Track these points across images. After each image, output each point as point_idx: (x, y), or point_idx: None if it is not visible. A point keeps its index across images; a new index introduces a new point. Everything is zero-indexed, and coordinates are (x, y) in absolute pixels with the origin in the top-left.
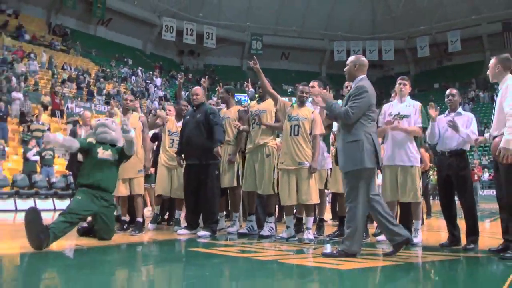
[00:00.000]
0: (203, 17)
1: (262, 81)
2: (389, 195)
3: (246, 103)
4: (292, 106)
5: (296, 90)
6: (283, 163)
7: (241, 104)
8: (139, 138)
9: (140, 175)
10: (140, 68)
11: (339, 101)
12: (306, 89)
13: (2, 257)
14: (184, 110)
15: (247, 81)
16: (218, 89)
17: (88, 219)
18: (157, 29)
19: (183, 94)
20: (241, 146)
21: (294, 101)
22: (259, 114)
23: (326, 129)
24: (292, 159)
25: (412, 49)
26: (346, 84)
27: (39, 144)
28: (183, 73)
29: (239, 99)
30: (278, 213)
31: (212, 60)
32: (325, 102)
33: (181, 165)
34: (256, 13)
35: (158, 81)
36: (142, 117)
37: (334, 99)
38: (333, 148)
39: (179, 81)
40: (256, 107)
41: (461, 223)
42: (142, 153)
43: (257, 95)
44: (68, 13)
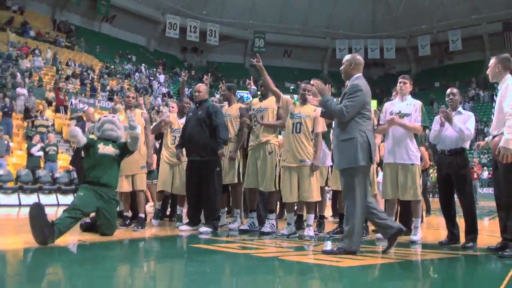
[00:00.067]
0: (207, 14)
1: (264, 78)
2: (389, 193)
3: (248, 100)
4: (294, 103)
5: (298, 88)
6: (285, 160)
7: (244, 101)
8: (141, 134)
9: (142, 171)
10: (143, 64)
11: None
12: (308, 87)
13: (6, 252)
14: (186, 107)
15: (249, 78)
16: (221, 86)
17: (91, 214)
18: (160, 26)
19: (186, 91)
20: (242, 143)
21: (296, 99)
22: (261, 111)
23: (327, 126)
24: (293, 157)
25: (413, 48)
26: (347, 82)
27: (43, 139)
28: (187, 71)
29: (241, 96)
30: (279, 210)
31: (215, 57)
32: (322, 95)
33: (180, 159)
34: (259, 11)
35: (161, 77)
36: (144, 114)
37: (334, 97)
38: None
39: (183, 78)
40: (258, 104)
41: (460, 221)
42: (144, 150)
43: (259, 92)
44: (72, 10)
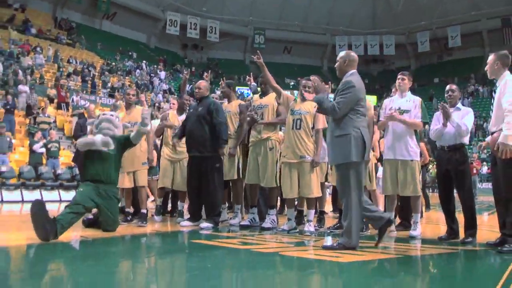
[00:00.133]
0: (207, 11)
1: (265, 75)
2: (389, 189)
3: (249, 96)
4: (295, 100)
5: (298, 84)
6: (285, 156)
7: (245, 97)
8: None
9: (143, 167)
10: (144, 61)
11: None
12: (308, 84)
13: (9, 248)
14: (186, 104)
15: (249, 75)
16: (221, 83)
17: (93, 210)
18: (161, 23)
19: (188, 87)
20: (241, 139)
21: (296, 95)
22: (261, 108)
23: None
24: (294, 153)
25: (412, 44)
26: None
27: (45, 136)
28: (189, 70)
29: (242, 92)
30: (279, 205)
31: (215, 54)
32: (317, 92)
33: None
34: (259, 8)
35: (162, 74)
36: (145, 111)
37: (333, 92)
38: None
39: (185, 77)
40: (258, 101)
41: (460, 217)
42: (145, 146)
43: (259, 89)
44: (73, 7)
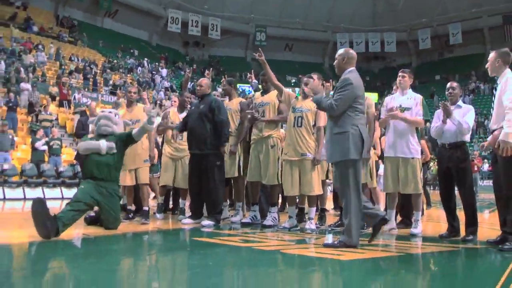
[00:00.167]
0: (208, 9)
1: (267, 73)
2: (390, 186)
3: (250, 94)
4: (296, 97)
5: (300, 81)
6: (287, 154)
7: (246, 94)
8: None
9: (145, 165)
10: (146, 59)
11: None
12: (309, 81)
13: (11, 246)
14: (187, 101)
15: (250, 72)
16: (223, 80)
17: (95, 208)
18: (162, 20)
19: (189, 84)
20: (242, 137)
21: (297, 93)
22: (262, 106)
23: None
24: (295, 150)
25: (414, 41)
26: None
27: (47, 134)
28: (191, 68)
29: (243, 90)
30: (281, 203)
31: (217, 51)
32: (315, 93)
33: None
34: (260, 5)
35: (163, 72)
36: (147, 108)
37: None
38: None
39: (187, 75)
40: (260, 99)
41: (461, 214)
42: (147, 144)
43: (260, 86)
44: (75, 5)
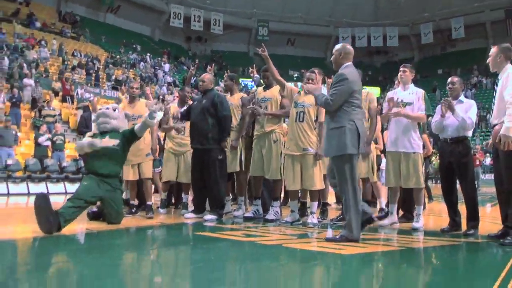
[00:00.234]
0: (210, 4)
1: (270, 68)
2: (392, 181)
3: (253, 88)
4: (298, 92)
5: (302, 76)
6: (288, 148)
7: (249, 89)
8: None
9: (148, 158)
10: (148, 54)
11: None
12: (312, 76)
13: (15, 241)
14: (187, 96)
15: (252, 67)
16: (225, 76)
17: (97, 203)
18: (165, 16)
19: (192, 79)
20: (244, 131)
21: (300, 87)
22: (265, 101)
23: None
24: (296, 145)
25: (416, 36)
26: None
27: (50, 129)
28: (196, 65)
29: (245, 84)
30: (283, 197)
31: (219, 46)
32: (312, 92)
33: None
34: (262, 0)
35: (166, 67)
36: (149, 103)
37: None
38: None
39: (191, 72)
40: (262, 94)
41: (462, 208)
42: (149, 139)
43: (261, 81)
44: (77, 0)
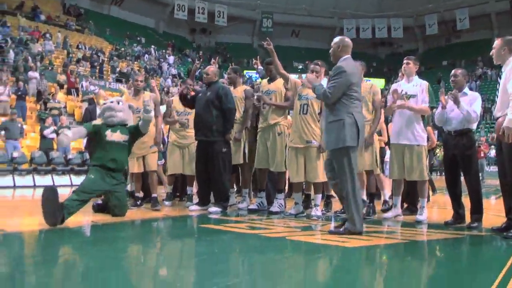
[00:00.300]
0: None
1: (274, 62)
2: (395, 173)
3: (257, 80)
4: (303, 85)
5: (307, 67)
6: (292, 141)
7: (253, 81)
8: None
9: (152, 150)
10: (153, 46)
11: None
12: (316, 68)
13: (22, 233)
14: (189, 89)
15: (256, 58)
16: (229, 68)
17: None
18: (169, 8)
19: (197, 71)
20: (247, 124)
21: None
22: (269, 94)
23: None
24: (300, 138)
25: (420, 27)
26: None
27: (56, 122)
28: (201, 59)
29: (250, 76)
30: (288, 189)
31: (223, 38)
32: (310, 84)
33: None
34: None
35: (170, 59)
36: (154, 96)
37: None
38: None
39: (195, 66)
40: (266, 87)
41: (466, 201)
42: (153, 131)
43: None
44: None
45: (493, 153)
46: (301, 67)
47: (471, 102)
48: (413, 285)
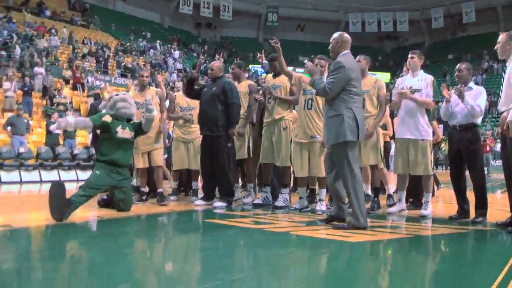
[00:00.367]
0: None
1: (279, 61)
2: (400, 168)
3: (263, 75)
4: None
5: (312, 62)
6: (297, 136)
7: (258, 75)
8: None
9: (158, 146)
10: (158, 41)
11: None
12: (322, 62)
13: (29, 228)
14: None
15: (261, 52)
16: (234, 63)
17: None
18: (174, 2)
19: (202, 66)
20: (251, 118)
21: (308, 74)
22: (274, 89)
23: None
24: (305, 133)
25: (426, 20)
26: (357, 58)
27: (62, 117)
28: (205, 55)
29: (255, 71)
30: (293, 183)
31: (228, 32)
32: (312, 76)
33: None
34: None
35: (176, 53)
36: (159, 91)
37: None
38: None
39: (200, 61)
40: (272, 81)
41: (471, 195)
42: (158, 125)
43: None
44: None
45: (499, 147)
46: (306, 61)
47: (476, 96)
48: (418, 280)
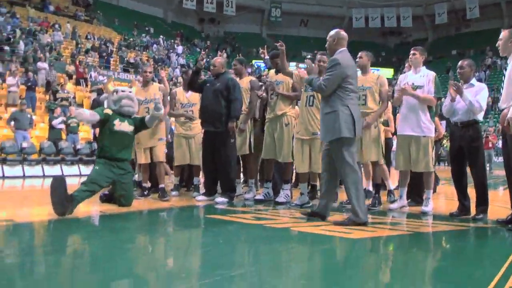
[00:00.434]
0: None
1: (282, 62)
2: (401, 164)
3: (265, 71)
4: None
5: (315, 58)
6: (298, 132)
7: (261, 71)
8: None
9: (160, 142)
10: (161, 36)
11: None
12: (324, 58)
13: (31, 223)
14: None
15: (263, 47)
16: (235, 59)
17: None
18: None
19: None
20: (253, 114)
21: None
22: (277, 85)
23: None
24: (306, 129)
25: (430, 16)
26: (359, 54)
27: (65, 112)
28: (206, 50)
29: (258, 66)
30: (295, 179)
31: (232, 27)
32: (308, 74)
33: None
34: None
35: (179, 49)
36: (162, 87)
37: None
38: None
39: (202, 56)
40: (274, 77)
41: (472, 192)
42: (162, 123)
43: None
44: None
45: (501, 143)
46: (309, 56)
47: (477, 93)
48: (418, 277)
